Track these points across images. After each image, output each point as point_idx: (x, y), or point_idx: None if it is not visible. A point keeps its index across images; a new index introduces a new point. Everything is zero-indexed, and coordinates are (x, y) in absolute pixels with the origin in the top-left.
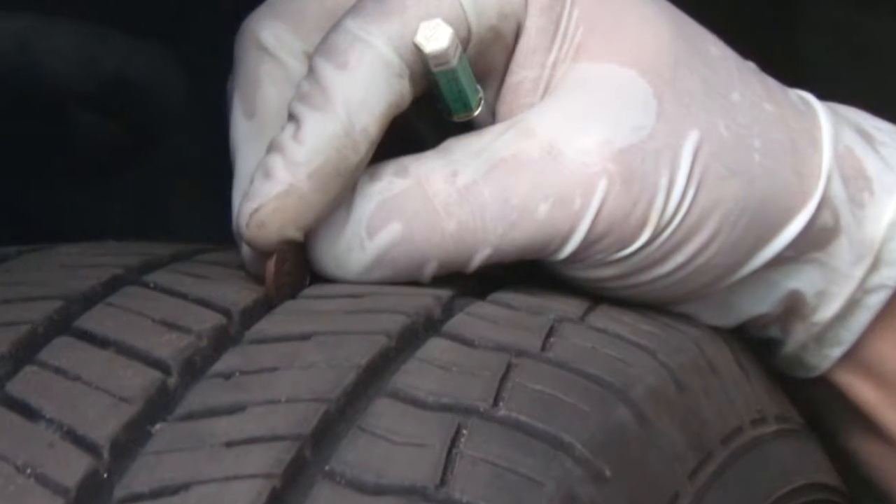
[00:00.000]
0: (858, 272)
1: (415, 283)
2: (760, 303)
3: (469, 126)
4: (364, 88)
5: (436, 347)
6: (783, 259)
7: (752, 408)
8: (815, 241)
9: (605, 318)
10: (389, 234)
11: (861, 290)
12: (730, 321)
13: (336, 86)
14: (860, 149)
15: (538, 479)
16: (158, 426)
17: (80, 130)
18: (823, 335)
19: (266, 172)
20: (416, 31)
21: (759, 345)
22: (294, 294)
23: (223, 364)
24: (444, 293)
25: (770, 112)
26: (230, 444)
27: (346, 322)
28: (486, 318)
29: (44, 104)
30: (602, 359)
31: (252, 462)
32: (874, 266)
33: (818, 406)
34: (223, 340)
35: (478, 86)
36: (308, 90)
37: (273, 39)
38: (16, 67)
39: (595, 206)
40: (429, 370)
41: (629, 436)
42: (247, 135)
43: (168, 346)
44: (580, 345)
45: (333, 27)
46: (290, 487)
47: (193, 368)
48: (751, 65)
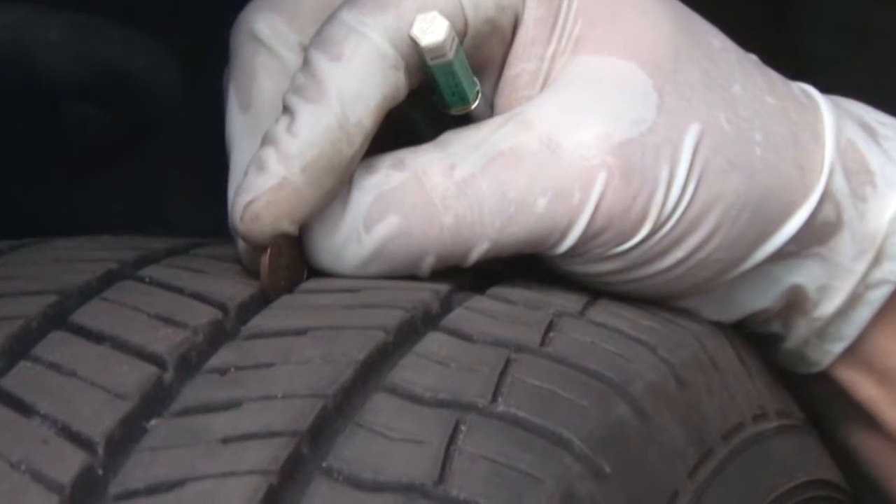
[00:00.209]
0: (860, 267)
1: (412, 278)
2: (762, 297)
3: (467, 119)
4: (359, 80)
5: (434, 342)
6: (785, 253)
7: (754, 404)
8: (817, 236)
9: (605, 313)
10: (386, 228)
11: (863, 285)
12: (731, 316)
13: (331, 78)
14: (863, 142)
15: (537, 476)
16: (154, 422)
17: (75, 123)
18: (825, 330)
19: (260, 165)
20: (412, 24)
21: (760, 340)
22: (291, 288)
23: (219, 359)
24: (443, 288)
25: (772, 105)
26: (226, 441)
27: (343, 317)
28: (485, 313)
29: (38, 96)
30: (602, 354)
31: (248, 458)
32: (876, 261)
33: (819, 402)
34: (219, 335)
35: (475, 79)
36: (303, 82)
37: (268, 31)
38: (9, 59)
39: (594, 200)
40: (427, 365)
41: (629, 432)
42: (242, 128)
43: (164, 342)
44: (580, 340)
45: (329, 19)
46: (287, 484)
47: (189, 364)
48: (752, 57)
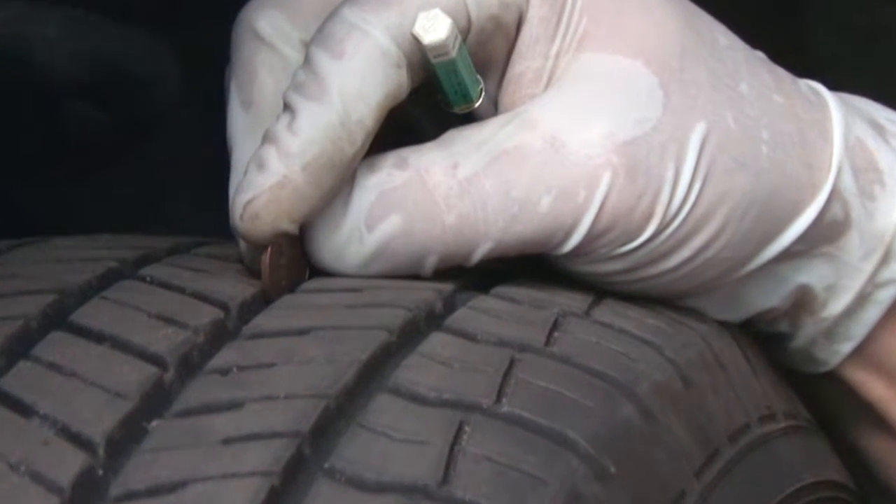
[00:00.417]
0: (869, 266)
1: (416, 277)
2: (769, 297)
3: (470, 118)
4: (360, 78)
5: (437, 342)
6: (792, 253)
7: (760, 404)
8: (825, 235)
9: (611, 313)
10: (389, 227)
11: (871, 285)
12: (738, 315)
13: (332, 75)
14: (872, 140)
15: (541, 477)
16: (155, 423)
17: (75, 122)
18: (833, 330)
19: (260, 164)
20: (415, 21)
21: (768, 340)
22: (292, 288)
23: (220, 360)
24: (446, 287)
25: (779, 103)
26: (228, 442)
27: (346, 317)
28: (489, 313)
29: (36, 94)
30: (607, 354)
31: (250, 459)
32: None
33: (828, 403)
34: (221, 335)
35: (478, 77)
36: (304, 80)
37: (270, 28)
38: (7, 56)
39: (599, 200)
40: (430, 366)
41: (634, 433)
42: (244, 126)
43: (165, 341)
44: (585, 340)
45: (330, 16)
46: (289, 485)
47: (190, 364)
48: (759, 54)
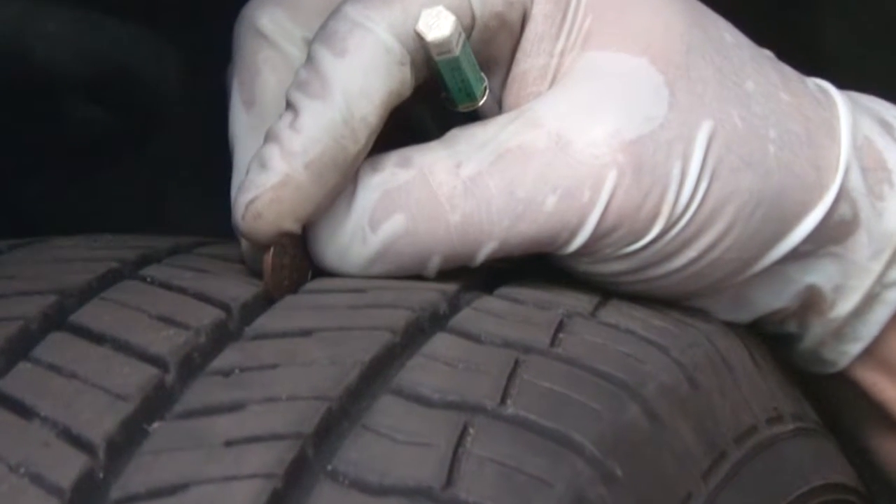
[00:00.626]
0: (877, 266)
1: (419, 277)
2: (777, 297)
3: (474, 116)
4: (363, 76)
5: (441, 343)
6: (800, 253)
7: (768, 406)
8: (833, 235)
9: (617, 314)
10: (392, 227)
11: (879, 285)
12: (745, 316)
13: (335, 73)
14: (880, 139)
15: (547, 480)
16: (156, 425)
17: (76, 121)
18: (841, 331)
19: (262, 163)
20: (418, 19)
21: (776, 341)
22: (295, 289)
23: (222, 361)
24: (450, 287)
25: (786, 102)
26: (230, 444)
27: (349, 317)
28: (494, 314)
29: (37, 92)
30: (613, 355)
31: (252, 462)
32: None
33: (837, 404)
34: (222, 336)
35: (482, 75)
36: (306, 78)
37: (272, 26)
38: (8, 54)
39: (605, 199)
40: (434, 367)
41: (641, 435)
42: (246, 124)
43: (166, 343)
44: (590, 341)
45: (333, 13)
46: (292, 488)
47: (192, 365)
48: (767, 53)
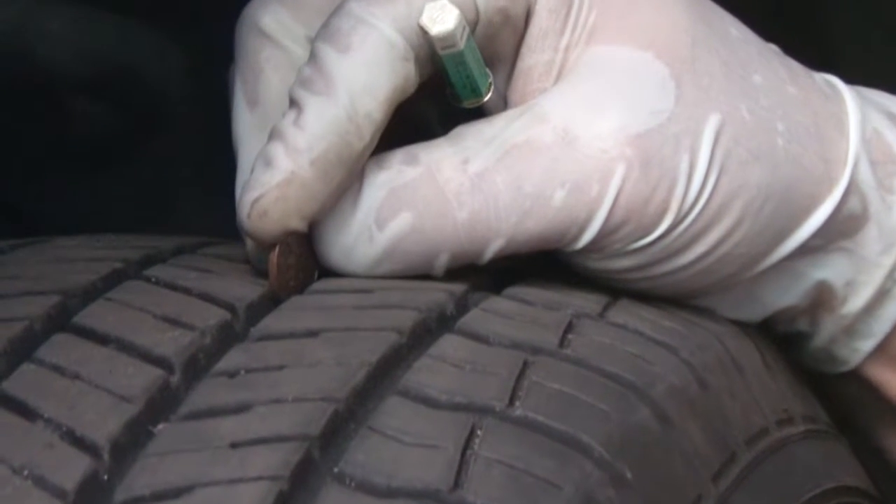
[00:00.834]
0: (888, 261)
1: (427, 278)
2: (787, 294)
3: (480, 113)
4: (367, 72)
5: (449, 345)
6: (810, 248)
7: (779, 408)
8: (843, 229)
9: (625, 314)
10: (399, 225)
11: (891, 280)
12: (755, 315)
13: (338, 70)
14: (889, 132)
15: (555, 482)
16: (160, 426)
17: (78, 121)
18: (853, 327)
19: (267, 160)
20: (422, 13)
21: (787, 339)
22: (301, 289)
23: (228, 362)
24: (458, 288)
25: (794, 95)
26: (235, 445)
27: (356, 318)
28: (502, 314)
29: (38, 91)
30: (622, 356)
31: (258, 464)
32: None
33: (850, 403)
34: (228, 337)
35: (487, 70)
36: (309, 75)
37: (274, 25)
38: (10, 52)
39: (613, 193)
40: (442, 368)
41: (650, 437)
42: (249, 123)
43: (170, 344)
44: (599, 342)
45: (336, 11)
46: (298, 490)
47: (197, 366)
48: (773, 47)
